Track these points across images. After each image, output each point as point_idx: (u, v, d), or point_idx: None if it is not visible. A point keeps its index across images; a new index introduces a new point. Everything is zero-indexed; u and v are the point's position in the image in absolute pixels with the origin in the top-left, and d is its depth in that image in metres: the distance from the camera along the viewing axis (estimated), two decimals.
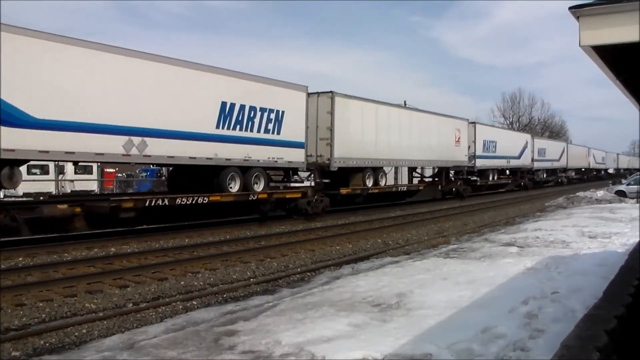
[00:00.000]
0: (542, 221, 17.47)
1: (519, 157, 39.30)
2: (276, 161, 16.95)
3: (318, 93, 18.98)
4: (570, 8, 3.74)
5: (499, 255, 10.36)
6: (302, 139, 17.77)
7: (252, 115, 15.88)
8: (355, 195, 21.34)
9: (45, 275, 9.32)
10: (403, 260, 10.66)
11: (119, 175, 31.14)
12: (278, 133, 16.83)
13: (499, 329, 5.39)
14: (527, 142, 41.23)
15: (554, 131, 74.24)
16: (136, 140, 12.74)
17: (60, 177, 22.98)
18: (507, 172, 38.86)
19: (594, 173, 68.78)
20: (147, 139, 12.91)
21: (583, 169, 60.84)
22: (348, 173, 20.66)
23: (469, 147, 30.14)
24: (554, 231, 13.70)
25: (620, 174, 77.50)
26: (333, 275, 9.72)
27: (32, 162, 16.05)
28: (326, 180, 19.74)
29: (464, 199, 29.12)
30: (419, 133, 24.71)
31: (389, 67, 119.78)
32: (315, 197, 18.34)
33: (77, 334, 6.52)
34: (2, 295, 7.64)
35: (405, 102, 26.02)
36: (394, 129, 22.79)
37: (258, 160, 16.25)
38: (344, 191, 20.17)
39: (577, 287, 7.07)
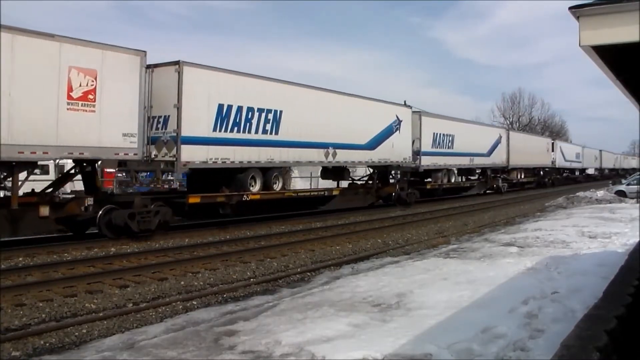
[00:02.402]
0: (542, 221, 17.48)
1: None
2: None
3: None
4: (570, 8, 3.74)
5: (499, 255, 10.36)
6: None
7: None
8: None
9: (45, 275, 9.32)
10: (403, 260, 10.66)
11: (119, 175, 31.12)
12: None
13: (499, 329, 5.39)
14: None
15: (553, 131, 74.07)
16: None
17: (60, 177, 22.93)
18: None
19: (564, 174, 54.48)
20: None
21: (543, 169, 47.41)
22: None
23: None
24: (554, 231, 13.70)
25: (604, 176, 68.43)
26: (333, 275, 9.72)
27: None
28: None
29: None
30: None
31: (389, 67, 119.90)
32: None
33: (77, 334, 6.52)
34: (2, 295, 7.64)
35: (405, 101, 25.55)
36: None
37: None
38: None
39: (577, 287, 7.07)
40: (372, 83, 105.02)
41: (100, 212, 12.43)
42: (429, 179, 27.63)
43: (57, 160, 14.97)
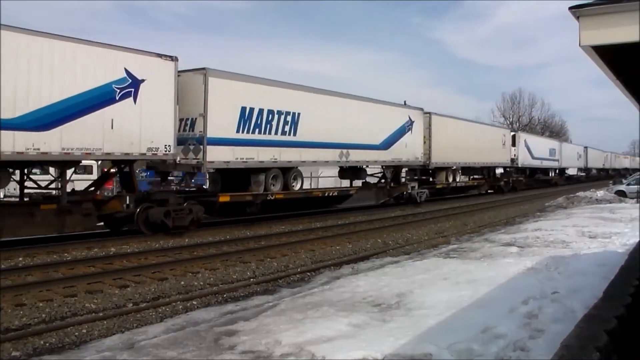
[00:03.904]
0: (542, 221, 17.47)
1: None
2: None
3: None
4: (570, 8, 3.74)
5: (499, 255, 10.35)
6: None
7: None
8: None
9: (45, 275, 9.32)
10: (403, 260, 10.66)
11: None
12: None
13: (499, 329, 5.39)
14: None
15: (554, 131, 74.03)
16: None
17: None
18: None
19: (536, 176, 45.47)
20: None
21: (504, 169, 37.90)
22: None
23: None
24: (554, 231, 13.69)
25: (591, 177, 61.47)
26: (333, 275, 9.72)
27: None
28: None
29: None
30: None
31: (390, 68, 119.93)
32: None
33: (77, 334, 6.53)
34: (2, 295, 7.64)
35: (405, 101, 25.55)
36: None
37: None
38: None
39: (577, 287, 7.07)
40: (373, 83, 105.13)
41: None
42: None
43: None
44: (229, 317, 6.62)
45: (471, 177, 34.87)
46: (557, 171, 51.45)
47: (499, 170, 38.46)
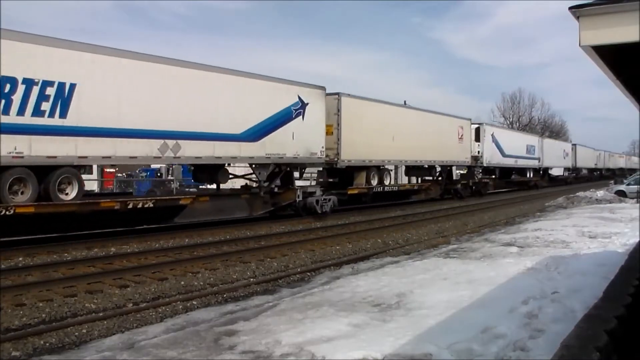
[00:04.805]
0: (542, 221, 17.47)
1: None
2: None
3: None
4: (570, 8, 3.73)
5: (499, 255, 10.35)
6: None
7: None
8: None
9: (45, 275, 9.32)
10: (403, 260, 10.66)
11: (119, 175, 31.16)
12: None
13: (499, 329, 5.39)
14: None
15: (554, 131, 73.96)
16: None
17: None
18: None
19: (513, 177, 40.15)
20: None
21: (468, 168, 31.59)
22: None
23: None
24: (554, 231, 13.69)
25: (580, 178, 55.88)
26: (333, 275, 9.72)
27: None
28: None
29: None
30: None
31: (390, 68, 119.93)
32: None
33: (77, 334, 6.53)
34: (2, 295, 7.64)
35: (405, 101, 25.51)
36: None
37: None
38: None
39: (577, 287, 7.06)
40: (374, 83, 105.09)
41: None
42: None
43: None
44: (229, 317, 6.62)
45: (422, 178, 28.37)
46: (538, 171, 44.10)
47: (460, 171, 32.78)
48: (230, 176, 17.54)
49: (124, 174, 32.28)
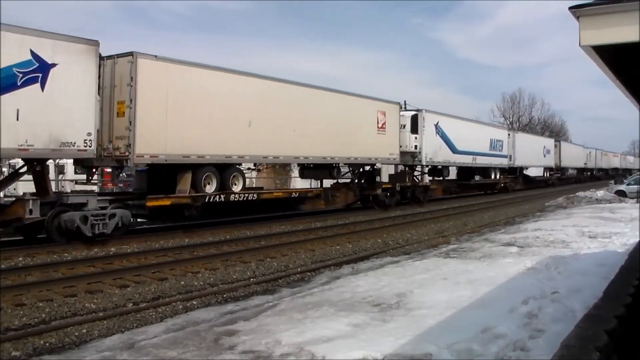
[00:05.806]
0: (542, 221, 17.47)
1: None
2: None
3: None
4: (570, 8, 3.73)
5: (499, 255, 10.35)
6: None
7: None
8: None
9: (45, 275, 9.32)
10: (403, 260, 10.66)
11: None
12: None
13: (499, 329, 5.39)
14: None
15: (554, 131, 73.89)
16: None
17: (60, 177, 22.92)
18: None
19: (474, 179, 33.25)
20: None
21: (375, 170, 22.89)
22: None
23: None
24: (554, 231, 13.69)
25: (566, 179, 49.84)
26: (333, 275, 9.72)
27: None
28: None
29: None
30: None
31: (390, 68, 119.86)
32: None
33: (77, 334, 6.53)
34: (2, 295, 7.64)
35: (405, 101, 25.18)
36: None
37: None
38: None
39: (577, 287, 7.07)
40: (374, 83, 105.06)
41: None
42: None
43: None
44: (229, 317, 6.62)
45: (322, 181, 21.78)
46: (510, 171, 37.21)
47: (391, 172, 26.34)
48: None
49: (123, 174, 32.18)
